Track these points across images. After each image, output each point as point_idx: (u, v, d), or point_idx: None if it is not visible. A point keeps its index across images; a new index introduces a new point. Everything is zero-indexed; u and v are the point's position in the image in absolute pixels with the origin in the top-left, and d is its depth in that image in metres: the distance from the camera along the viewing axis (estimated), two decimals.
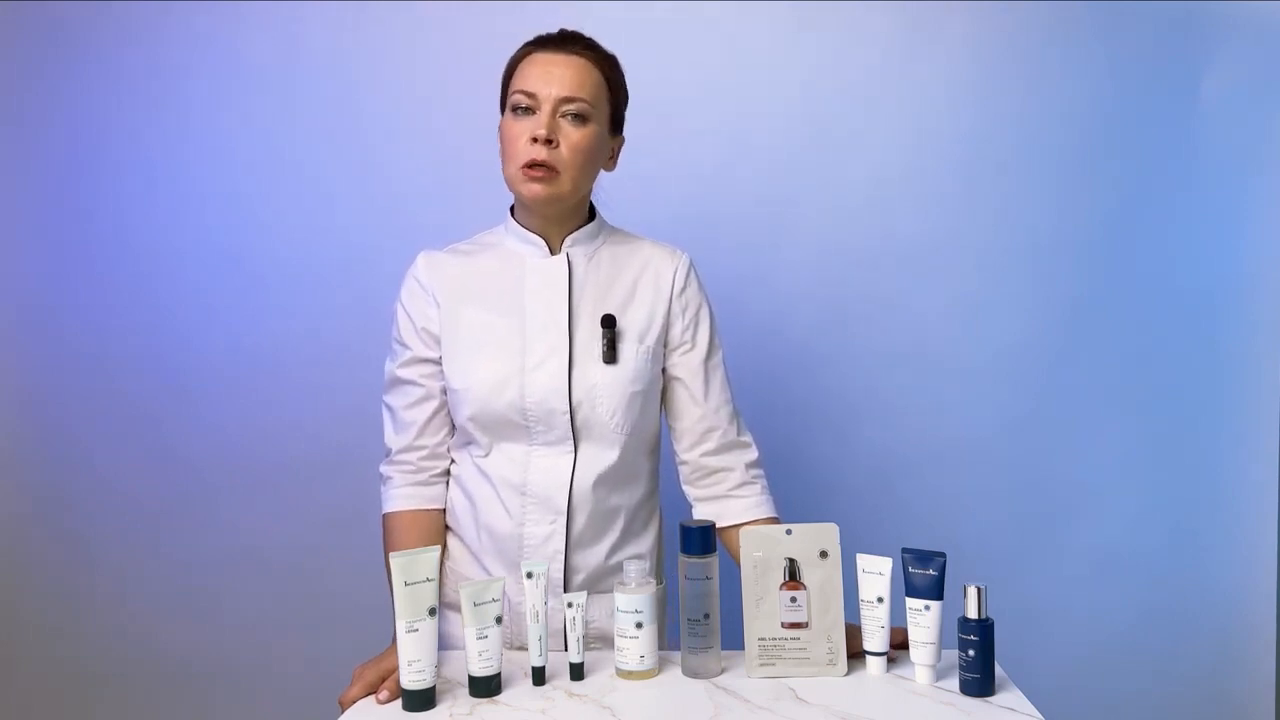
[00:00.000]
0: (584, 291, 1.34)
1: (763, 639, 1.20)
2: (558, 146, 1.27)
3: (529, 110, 1.28)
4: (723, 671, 1.21)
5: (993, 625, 1.15)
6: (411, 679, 1.12)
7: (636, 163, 1.48)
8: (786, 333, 2.02)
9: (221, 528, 2.07)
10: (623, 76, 1.35)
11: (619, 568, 1.28)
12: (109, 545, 2.09)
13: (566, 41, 1.30)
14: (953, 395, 2.03)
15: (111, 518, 2.08)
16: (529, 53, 1.31)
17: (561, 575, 1.31)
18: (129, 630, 2.09)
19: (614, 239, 1.39)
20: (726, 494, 1.36)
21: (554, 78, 1.27)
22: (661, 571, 1.42)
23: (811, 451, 2.02)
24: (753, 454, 1.39)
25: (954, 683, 1.17)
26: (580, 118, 1.28)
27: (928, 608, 1.17)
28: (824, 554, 1.20)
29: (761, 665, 1.19)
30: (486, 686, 1.15)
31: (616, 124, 1.35)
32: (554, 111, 1.27)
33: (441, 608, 1.26)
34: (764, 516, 1.35)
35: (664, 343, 1.36)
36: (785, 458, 1.78)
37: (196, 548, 2.07)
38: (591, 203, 1.39)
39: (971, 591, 1.15)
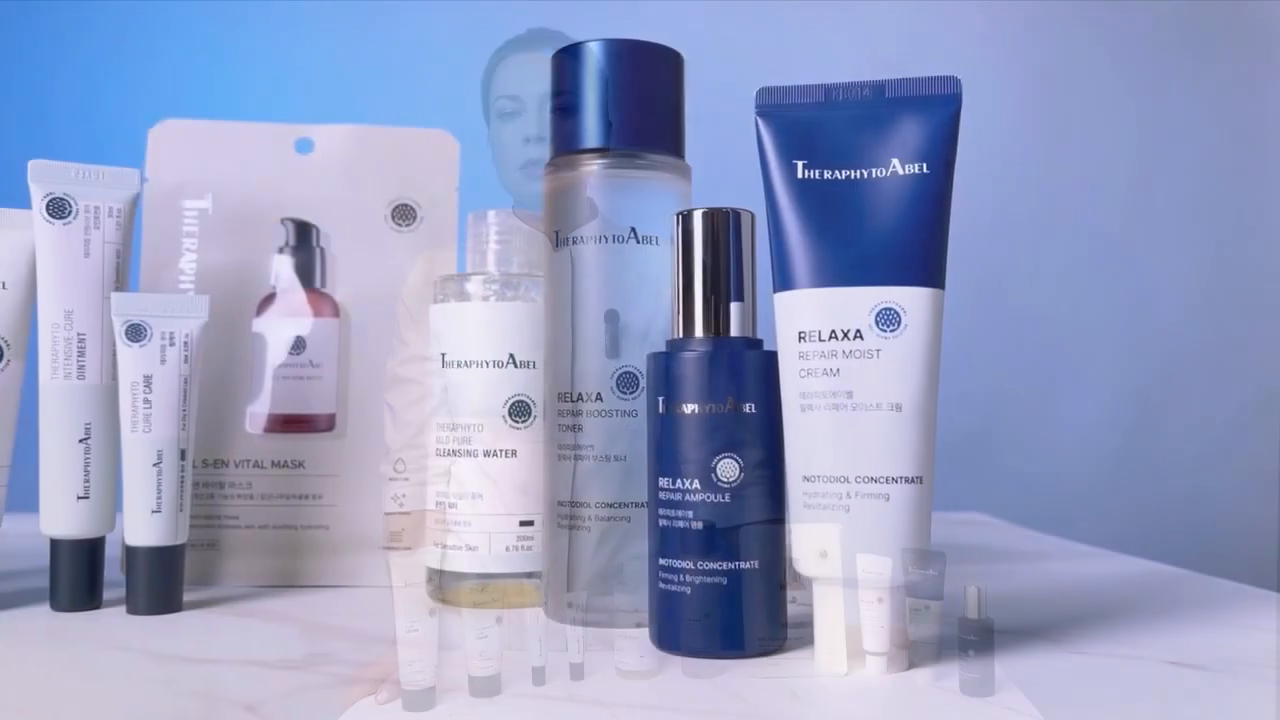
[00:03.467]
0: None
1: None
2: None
3: (514, 114, 1.28)
4: (723, 671, 1.21)
5: (993, 625, 1.15)
6: (411, 679, 1.12)
7: None
8: None
9: None
10: None
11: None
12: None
13: (535, 39, 1.31)
14: (953, 394, 2.03)
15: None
16: (501, 58, 1.32)
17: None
18: None
19: None
20: None
21: (534, 76, 1.28)
22: None
23: None
24: None
25: (954, 683, 1.17)
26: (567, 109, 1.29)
27: (928, 608, 1.17)
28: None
29: None
30: (487, 686, 1.15)
31: None
32: (540, 108, 1.27)
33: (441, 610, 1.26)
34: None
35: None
36: None
37: None
38: None
39: (971, 591, 1.15)
